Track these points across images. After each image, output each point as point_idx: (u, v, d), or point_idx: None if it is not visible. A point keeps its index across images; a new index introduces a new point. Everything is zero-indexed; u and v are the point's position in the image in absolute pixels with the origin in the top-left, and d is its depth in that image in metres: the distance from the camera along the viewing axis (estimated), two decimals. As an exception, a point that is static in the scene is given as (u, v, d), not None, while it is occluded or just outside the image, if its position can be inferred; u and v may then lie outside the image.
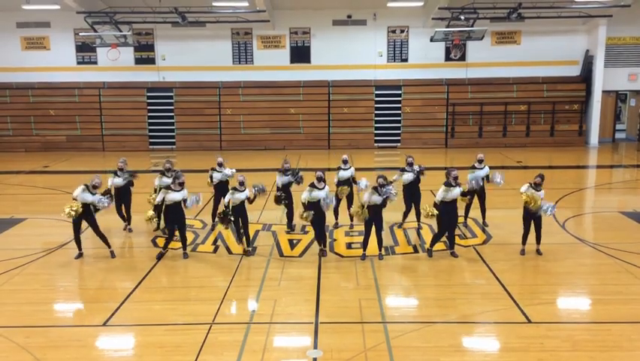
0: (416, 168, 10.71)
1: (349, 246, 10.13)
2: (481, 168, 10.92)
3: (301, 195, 9.51)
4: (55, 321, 7.52)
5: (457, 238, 10.45)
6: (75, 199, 9.23)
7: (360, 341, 6.62)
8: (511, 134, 22.32)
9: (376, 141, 22.62)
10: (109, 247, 9.71)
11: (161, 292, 8.27)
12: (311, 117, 22.47)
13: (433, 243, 9.58)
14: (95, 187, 9.38)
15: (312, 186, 9.40)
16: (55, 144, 22.37)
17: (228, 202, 9.43)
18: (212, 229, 11.21)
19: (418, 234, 10.80)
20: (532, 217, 9.32)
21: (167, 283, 8.61)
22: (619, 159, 20.71)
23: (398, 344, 6.55)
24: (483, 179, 10.68)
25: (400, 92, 22.43)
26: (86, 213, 9.30)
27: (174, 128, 22.65)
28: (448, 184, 9.18)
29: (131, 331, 7.08)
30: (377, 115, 22.54)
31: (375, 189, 9.06)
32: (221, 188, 10.91)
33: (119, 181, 10.79)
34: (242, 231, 9.69)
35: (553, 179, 16.21)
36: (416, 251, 9.91)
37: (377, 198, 9.01)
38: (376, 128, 22.63)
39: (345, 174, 10.88)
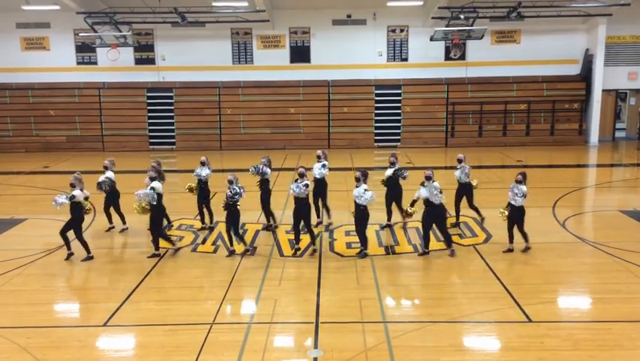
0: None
1: (349, 246, 10.13)
2: (460, 166, 10.91)
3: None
4: (56, 322, 7.51)
5: (457, 237, 10.51)
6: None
7: (361, 341, 6.62)
8: (511, 133, 22.32)
9: (376, 141, 22.63)
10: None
11: (161, 293, 8.27)
12: (311, 117, 22.48)
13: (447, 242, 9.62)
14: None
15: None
16: (56, 145, 22.39)
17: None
18: (212, 229, 11.21)
19: (419, 233, 10.80)
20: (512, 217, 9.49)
21: (168, 284, 8.60)
22: (619, 157, 20.72)
23: (399, 343, 6.55)
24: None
25: (399, 91, 22.43)
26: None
27: (174, 129, 22.65)
28: (422, 183, 9.39)
29: (132, 331, 7.08)
30: (377, 114, 22.55)
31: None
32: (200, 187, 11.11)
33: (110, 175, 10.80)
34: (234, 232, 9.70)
35: (553, 178, 16.23)
36: (416, 251, 9.90)
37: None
38: (376, 128, 22.63)
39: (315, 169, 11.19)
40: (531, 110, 22.23)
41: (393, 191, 10.88)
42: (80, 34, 20.67)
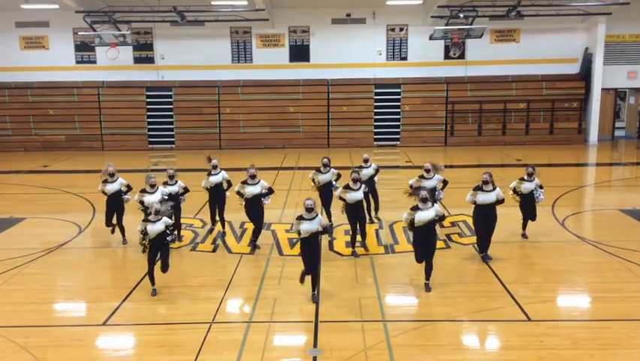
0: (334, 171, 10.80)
1: (349, 245, 10.12)
2: (367, 165, 11.03)
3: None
4: (55, 321, 7.52)
5: (456, 236, 10.52)
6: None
7: (361, 340, 6.62)
8: (510, 132, 22.31)
9: (376, 140, 22.61)
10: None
11: (160, 292, 8.25)
12: (310, 116, 22.45)
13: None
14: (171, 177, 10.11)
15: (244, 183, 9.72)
16: (55, 144, 22.35)
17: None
18: (211, 230, 11.13)
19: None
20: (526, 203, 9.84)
21: (167, 283, 8.58)
22: (618, 156, 20.73)
23: (398, 342, 6.55)
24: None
25: (399, 90, 22.41)
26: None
27: (173, 128, 22.63)
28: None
29: (131, 330, 7.08)
30: (376, 113, 22.52)
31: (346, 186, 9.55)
32: (216, 191, 10.67)
33: (113, 187, 10.13)
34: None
35: (552, 177, 16.22)
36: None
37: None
38: (376, 127, 22.61)
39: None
40: (530, 109, 22.20)
41: (326, 196, 10.74)
42: (79, 33, 20.62)
